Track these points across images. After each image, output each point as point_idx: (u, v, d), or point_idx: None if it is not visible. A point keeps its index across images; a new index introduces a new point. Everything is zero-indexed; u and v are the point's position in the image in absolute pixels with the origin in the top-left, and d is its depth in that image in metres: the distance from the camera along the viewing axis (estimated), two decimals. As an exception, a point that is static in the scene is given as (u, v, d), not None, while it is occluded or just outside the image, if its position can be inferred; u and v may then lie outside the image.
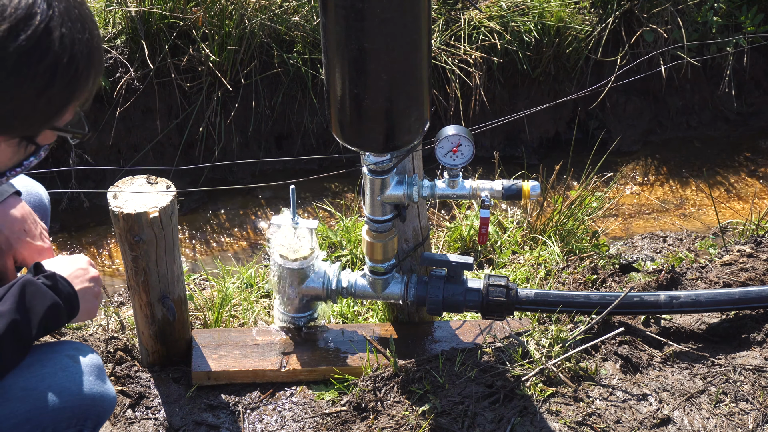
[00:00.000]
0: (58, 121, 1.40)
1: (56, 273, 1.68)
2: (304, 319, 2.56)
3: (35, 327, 1.60)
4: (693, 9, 4.49)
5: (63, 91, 1.36)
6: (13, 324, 1.55)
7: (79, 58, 1.35)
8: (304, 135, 4.35)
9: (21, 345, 1.59)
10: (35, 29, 1.29)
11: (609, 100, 4.66)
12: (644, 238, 3.55)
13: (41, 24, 1.30)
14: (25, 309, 1.58)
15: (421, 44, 1.92)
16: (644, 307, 2.46)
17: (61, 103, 1.38)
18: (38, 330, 1.60)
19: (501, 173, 3.49)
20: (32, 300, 1.60)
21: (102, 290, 1.81)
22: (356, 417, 2.28)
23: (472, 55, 4.25)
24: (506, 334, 2.47)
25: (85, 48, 1.35)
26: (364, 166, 2.21)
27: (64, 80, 1.35)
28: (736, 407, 2.25)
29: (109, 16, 4.07)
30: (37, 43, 1.30)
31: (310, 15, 4.20)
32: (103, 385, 1.69)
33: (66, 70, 1.34)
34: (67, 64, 1.33)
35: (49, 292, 1.64)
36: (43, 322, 1.61)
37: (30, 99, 1.33)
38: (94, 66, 1.39)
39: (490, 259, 3.30)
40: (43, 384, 1.60)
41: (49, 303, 1.62)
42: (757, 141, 4.73)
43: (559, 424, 2.14)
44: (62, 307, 1.66)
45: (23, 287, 1.60)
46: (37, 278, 1.65)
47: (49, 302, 1.62)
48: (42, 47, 1.30)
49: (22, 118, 1.36)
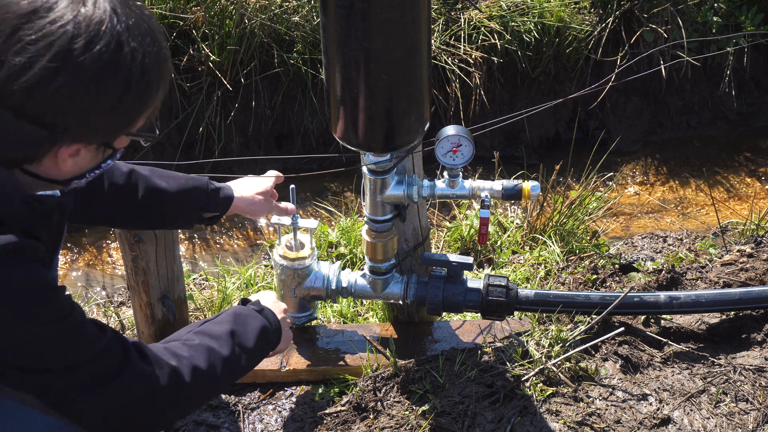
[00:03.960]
0: (132, 128, 1.47)
1: (261, 302, 1.92)
2: (304, 319, 2.56)
3: (251, 341, 1.79)
4: (693, 9, 4.49)
5: (136, 102, 1.43)
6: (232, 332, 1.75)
7: (151, 71, 1.42)
8: (304, 135, 4.36)
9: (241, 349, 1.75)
10: (108, 44, 1.36)
11: (609, 100, 4.66)
12: (644, 238, 3.55)
13: (113, 40, 1.36)
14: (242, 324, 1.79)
15: (421, 44, 1.92)
16: (644, 308, 2.46)
17: (135, 114, 1.45)
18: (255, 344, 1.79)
19: (501, 173, 3.49)
20: (246, 320, 1.81)
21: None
22: (356, 417, 2.28)
23: (472, 55, 4.25)
24: (506, 334, 2.47)
25: (155, 61, 1.42)
26: (364, 166, 2.21)
27: (137, 93, 1.41)
28: (736, 407, 2.25)
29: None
30: (111, 57, 1.36)
31: (310, 15, 4.20)
32: None
33: (139, 84, 1.40)
34: (139, 78, 1.40)
35: (259, 316, 1.86)
36: (258, 340, 1.81)
37: (106, 111, 1.40)
38: (164, 77, 1.46)
39: (490, 259, 3.30)
40: None
41: (260, 324, 1.84)
42: (757, 141, 4.73)
43: (559, 424, 2.14)
44: (270, 331, 1.89)
45: (236, 311, 1.82)
46: (246, 306, 1.88)
47: (260, 324, 1.84)
48: (115, 62, 1.37)
49: (99, 128, 1.43)
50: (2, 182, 1.40)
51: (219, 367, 1.68)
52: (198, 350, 1.66)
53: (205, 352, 1.67)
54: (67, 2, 1.34)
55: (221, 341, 1.72)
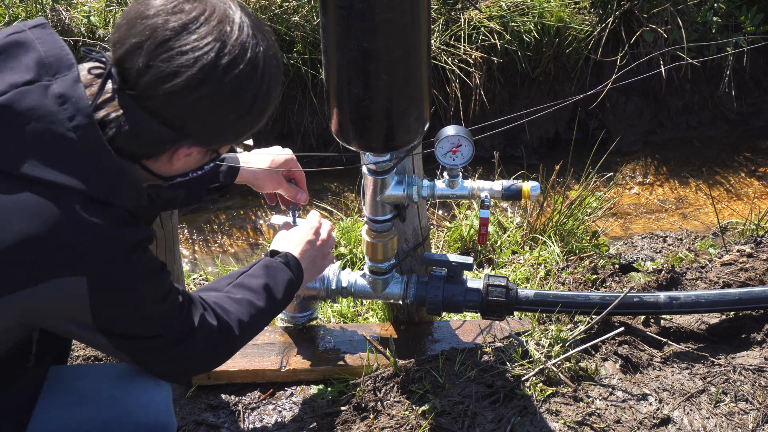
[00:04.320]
0: (242, 139, 1.66)
1: (288, 253, 2.05)
2: (304, 319, 2.56)
3: (281, 293, 1.93)
4: (693, 9, 4.49)
5: (256, 117, 1.60)
6: (266, 286, 1.90)
7: (273, 90, 1.60)
8: (304, 135, 4.35)
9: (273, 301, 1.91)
10: (247, 64, 1.52)
11: (609, 100, 4.66)
12: (644, 238, 3.55)
13: (251, 61, 1.53)
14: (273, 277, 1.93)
15: (421, 44, 1.92)
16: (644, 308, 2.46)
17: (251, 127, 1.62)
18: (283, 295, 1.95)
19: (501, 173, 3.49)
20: (275, 273, 1.95)
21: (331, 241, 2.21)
22: (356, 417, 2.28)
23: (472, 55, 4.25)
24: (506, 334, 2.47)
25: (276, 82, 1.60)
26: (364, 166, 2.21)
27: (259, 109, 1.59)
28: (736, 407, 2.25)
29: (109, 16, 4.07)
30: (247, 76, 1.53)
31: (310, 15, 4.20)
32: (172, 416, 1.79)
33: (263, 101, 1.58)
34: (264, 95, 1.57)
35: (286, 269, 1.99)
36: (286, 292, 1.96)
37: (232, 122, 1.58)
38: (278, 96, 1.64)
39: (490, 259, 3.30)
40: (127, 396, 1.72)
41: (287, 277, 1.97)
42: (757, 141, 4.73)
43: (559, 424, 2.14)
44: (295, 281, 2.01)
45: (267, 264, 1.97)
46: (274, 259, 2.00)
47: (287, 276, 1.98)
48: (250, 80, 1.53)
49: (220, 136, 1.60)
50: (135, 177, 1.54)
51: (257, 317, 1.86)
52: (241, 304, 1.83)
53: (247, 305, 1.84)
54: (216, 22, 1.50)
55: (258, 294, 1.88)
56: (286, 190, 2.27)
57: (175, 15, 1.48)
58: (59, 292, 1.47)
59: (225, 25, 1.50)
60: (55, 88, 1.46)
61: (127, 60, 1.49)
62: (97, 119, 1.48)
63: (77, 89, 1.47)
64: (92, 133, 1.46)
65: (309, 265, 2.11)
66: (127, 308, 1.57)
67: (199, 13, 1.49)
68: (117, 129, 1.50)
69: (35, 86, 1.46)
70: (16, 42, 1.51)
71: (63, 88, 1.47)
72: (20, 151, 1.44)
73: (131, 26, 1.49)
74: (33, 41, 1.51)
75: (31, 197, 1.43)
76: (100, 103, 1.49)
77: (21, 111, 1.44)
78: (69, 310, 1.51)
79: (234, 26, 1.51)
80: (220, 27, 1.50)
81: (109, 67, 1.51)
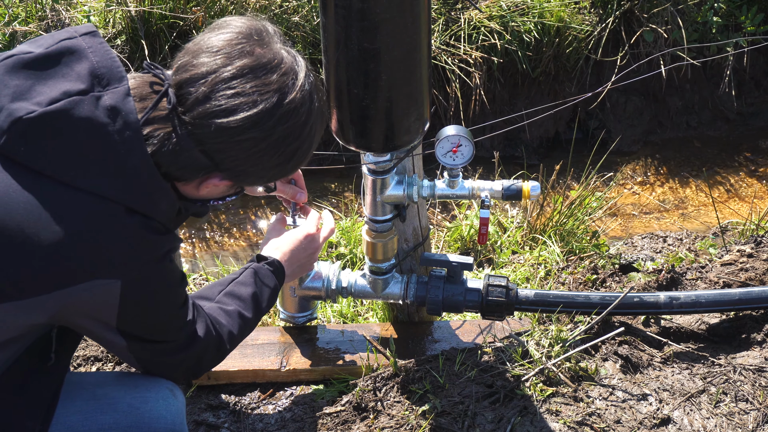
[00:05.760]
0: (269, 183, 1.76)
1: (275, 260, 2.05)
2: (304, 319, 2.56)
3: (266, 301, 1.96)
4: (693, 9, 4.49)
5: (290, 169, 1.68)
6: (254, 295, 1.94)
7: (313, 147, 1.67)
8: (304, 135, 4.35)
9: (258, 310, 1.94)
10: (298, 120, 1.59)
11: (609, 100, 4.66)
12: (644, 238, 3.55)
13: (303, 118, 1.60)
14: (260, 285, 1.96)
15: (420, 44, 1.92)
16: (644, 308, 2.46)
17: (282, 175, 1.70)
18: (267, 303, 1.97)
19: (501, 173, 3.49)
20: (263, 281, 1.97)
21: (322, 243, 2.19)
22: (356, 417, 2.28)
23: (472, 55, 4.25)
24: (506, 334, 2.47)
25: (317, 140, 1.67)
26: (364, 166, 2.21)
27: (296, 162, 1.66)
28: (736, 407, 2.25)
29: (109, 15, 4.07)
30: (296, 131, 1.60)
31: (310, 15, 4.20)
32: (185, 427, 1.83)
33: (301, 155, 1.65)
34: (305, 151, 1.65)
35: (273, 277, 2.01)
36: (270, 299, 1.98)
37: (268, 167, 1.63)
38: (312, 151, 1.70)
39: (490, 259, 3.30)
40: (145, 406, 1.76)
41: (273, 284, 2.00)
42: (757, 141, 4.73)
43: (559, 424, 2.14)
44: (279, 288, 2.03)
45: (256, 271, 1.99)
46: (262, 265, 2.02)
47: (273, 283, 2.00)
48: (297, 135, 1.61)
49: (253, 176, 1.65)
50: (171, 194, 1.59)
51: (244, 328, 1.91)
52: (232, 316, 1.87)
53: (237, 318, 1.88)
54: (281, 74, 1.56)
55: (247, 304, 1.92)
56: (285, 190, 2.27)
57: (245, 56, 1.54)
58: (95, 293, 1.52)
59: (289, 78, 1.57)
60: (106, 99, 1.49)
61: (187, 85, 1.53)
62: (144, 132, 1.52)
63: (128, 103, 1.51)
64: (140, 149, 1.51)
65: (294, 271, 2.14)
66: (149, 313, 1.63)
67: (268, 60, 1.56)
68: (160, 146, 1.54)
69: (88, 97, 1.49)
70: (68, 49, 1.53)
71: (114, 101, 1.50)
72: (70, 161, 1.47)
73: (198, 54, 1.55)
74: (85, 50, 1.53)
75: (77, 203, 1.48)
76: (151, 117, 1.53)
77: (73, 120, 1.47)
78: (98, 311, 1.56)
79: (297, 81, 1.58)
80: (284, 79, 1.56)
81: (167, 86, 1.55)
